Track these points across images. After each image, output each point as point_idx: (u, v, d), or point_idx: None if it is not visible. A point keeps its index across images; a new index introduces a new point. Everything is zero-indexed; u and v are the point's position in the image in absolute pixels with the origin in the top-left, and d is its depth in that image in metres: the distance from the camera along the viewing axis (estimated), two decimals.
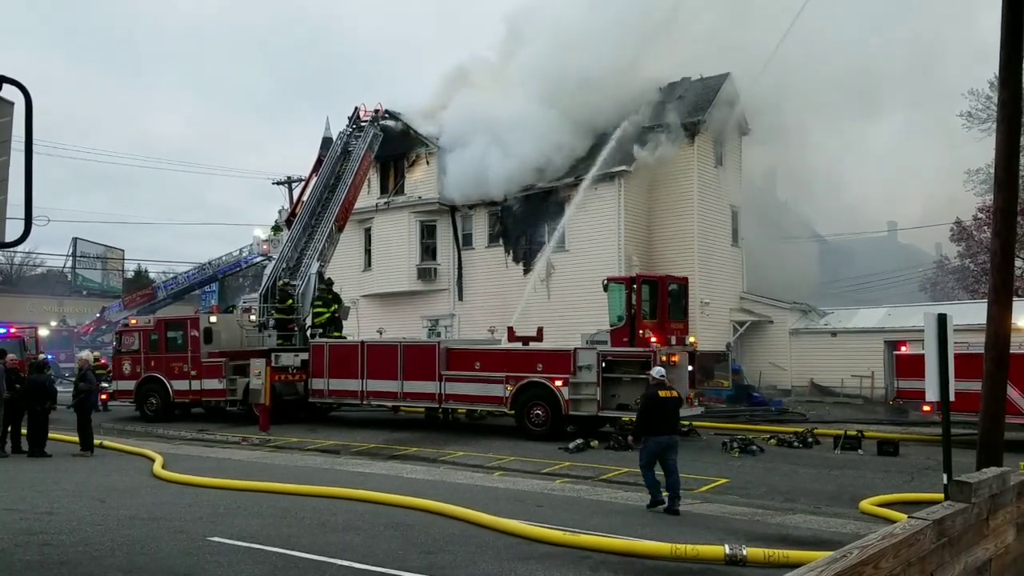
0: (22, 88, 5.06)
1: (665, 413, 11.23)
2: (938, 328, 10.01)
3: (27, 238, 5.40)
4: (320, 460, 16.76)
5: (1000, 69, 9.83)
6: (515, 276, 30.40)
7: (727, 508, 11.76)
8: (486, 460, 16.18)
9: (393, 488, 12.24)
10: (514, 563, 8.32)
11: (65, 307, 53.10)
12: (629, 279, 20.61)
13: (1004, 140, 9.82)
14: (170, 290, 47.96)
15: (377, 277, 33.36)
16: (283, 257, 25.80)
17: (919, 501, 10.93)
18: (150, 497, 12.11)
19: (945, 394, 9.99)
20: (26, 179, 5.16)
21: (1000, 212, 9.93)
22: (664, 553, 8.46)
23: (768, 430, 20.10)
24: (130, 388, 24.19)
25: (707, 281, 28.58)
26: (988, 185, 31.50)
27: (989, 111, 31.93)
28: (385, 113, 29.91)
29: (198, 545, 8.95)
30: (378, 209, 33.19)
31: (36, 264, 64.07)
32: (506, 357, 19.80)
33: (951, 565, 4.22)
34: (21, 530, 9.66)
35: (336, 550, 8.70)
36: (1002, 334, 9.89)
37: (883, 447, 17.10)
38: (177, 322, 24.83)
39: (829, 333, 29.20)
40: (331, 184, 27.25)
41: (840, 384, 27.84)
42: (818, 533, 10.02)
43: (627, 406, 18.13)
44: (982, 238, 33.16)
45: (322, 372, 22.11)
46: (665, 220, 29.33)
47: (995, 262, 10.04)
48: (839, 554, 3.30)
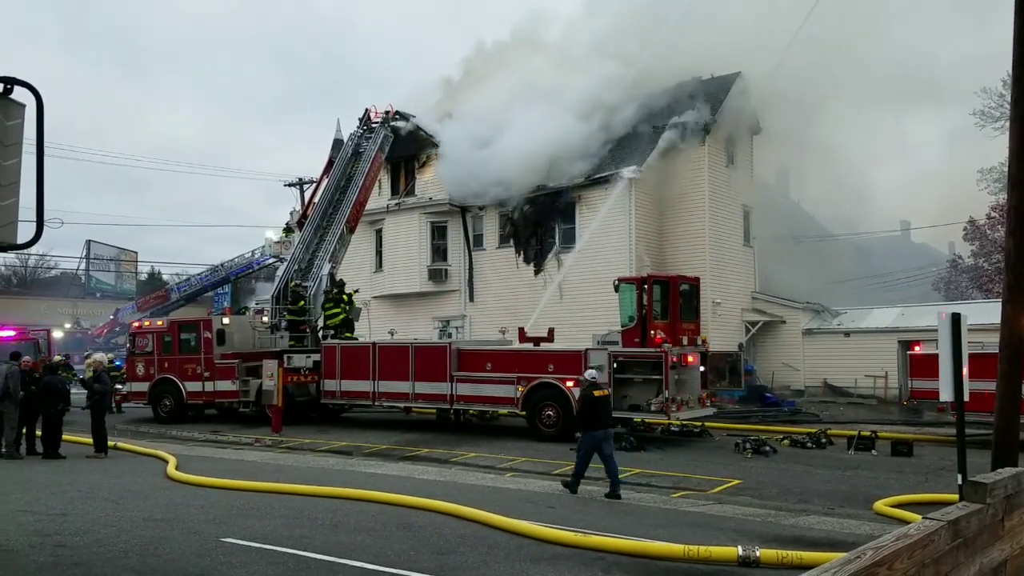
0: (33, 90, 5.09)
1: (599, 410, 12.65)
2: (952, 328, 9.94)
3: (39, 240, 5.43)
4: (332, 461, 16.80)
5: (1013, 67, 9.75)
6: (526, 277, 30.41)
7: (740, 509, 11.71)
8: (497, 461, 16.18)
9: (405, 489, 12.25)
10: (526, 564, 8.30)
11: (79, 309, 53.43)
12: (640, 279, 20.54)
13: (1017, 138, 9.73)
14: (183, 292, 48.20)
15: (388, 278, 33.42)
16: (295, 259, 25.86)
17: (933, 502, 10.87)
18: (163, 498, 12.16)
19: (959, 394, 9.92)
20: (38, 181, 5.19)
21: (1014, 210, 9.84)
22: (677, 554, 8.42)
23: (781, 431, 20.02)
24: (144, 390, 24.32)
25: (719, 281, 28.48)
26: (1001, 184, 31.30)
27: (1002, 109, 31.72)
28: (396, 114, 29.92)
29: (211, 546, 8.98)
30: (389, 210, 33.25)
31: (50, 266, 64.52)
32: (517, 358, 19.79)
33: (966, 566, 4.19)
34: (35, 531, 9.72)
35: (348, 551, 8.71)
36: (1016, 333, 9.81)
37: (897, 448, 17.00)
38: (190, 324, 24.93)
39: (842, 333, 29.06)
40: (342, 185, 27.29)
41: (854, 384, 27.69)
42: (832, 534, 9.97)
43: (639, 407, 18.11)
44: (996, 237, 32.95)
45: (334, 373, 22.17)
46: (676, 220, 29.25)
47: (1009, 261, 9.95)
48: (853, 555, 3.27)
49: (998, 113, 32.81)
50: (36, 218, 5.15)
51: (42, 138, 5.16)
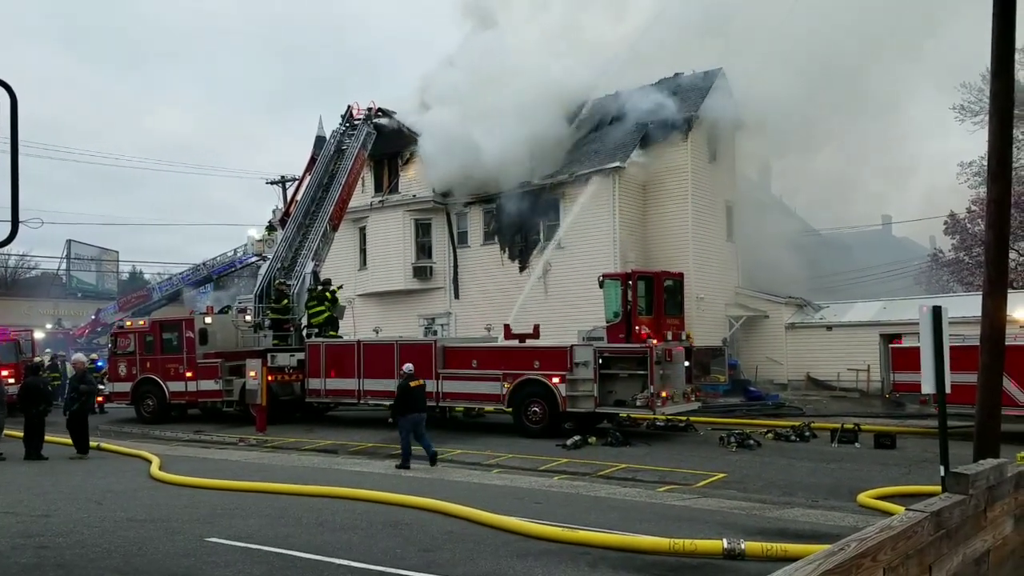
0: (8, 88, 5.02)
1: (414, 398, 15.22)
2: (933, 321, 10.02)
3: (14, 239, 5.37)
4: (318, 460, 16.74)
5: (992, 61, 9.83)
6: (511, 274, 30.40)
7: (725, 503, 11.77)
8: (484, 458, 16.17)
9: (391, 487, 12.23)
10: (512, 560, 8.31)
11: (60, 309, 52.83)
12: (625, 275, 20.59)
13: (997, 132, 9.82)
14: (165, 291, 47.79)
15: (373, 276, 33.32)
16: (277, 257, 25.75)
17: (917, 494, 10.97)
18: (147, 499, 12.08)
19: (941, 386, 10.00)
20: (12, 180, 5.12)
21: (994, 204, 9.93)
22: (662, 548, 8.46)
23: (765, 424, 20.12)
24: (126, 390, 24.12)
25: (702, 276, 28.57)
26: (981, 178, 31.58)
27: (981, 103, 31.99)
28: (379, 111, 29.84)
29: (195, 546, 8.92)
30: (373, 208, 33.14)
31: (31, 267, 63.83)
32: (503, 355, 19.78)
33: (949, 557, 4.22)
34: (18, 533, 9.63)
35: (334, 549, 8.68)
36: (997, 326, 9.90)
37: (880, 440, 17.12)
38: (172, 323, 24.73)
39: (825, 327, 29.21)
40: (325, 183, 27.20)
41: (836, 378, 27.86)
42: (816, 526, 10.03)
43: (624, 402, 18.14)
44: (976, 231, 33.22)
45: (319, 372, 22.08)
46: (660, 216, 29.32)
47: (989, 254, 10.05)
48: (837, 547, 3.28)
49: (977, 107, 33.09)
50: (11, 217, 5.08)
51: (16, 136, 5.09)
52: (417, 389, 15.33)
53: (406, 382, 15.28)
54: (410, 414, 15.07)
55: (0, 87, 4.98)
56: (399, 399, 15.43)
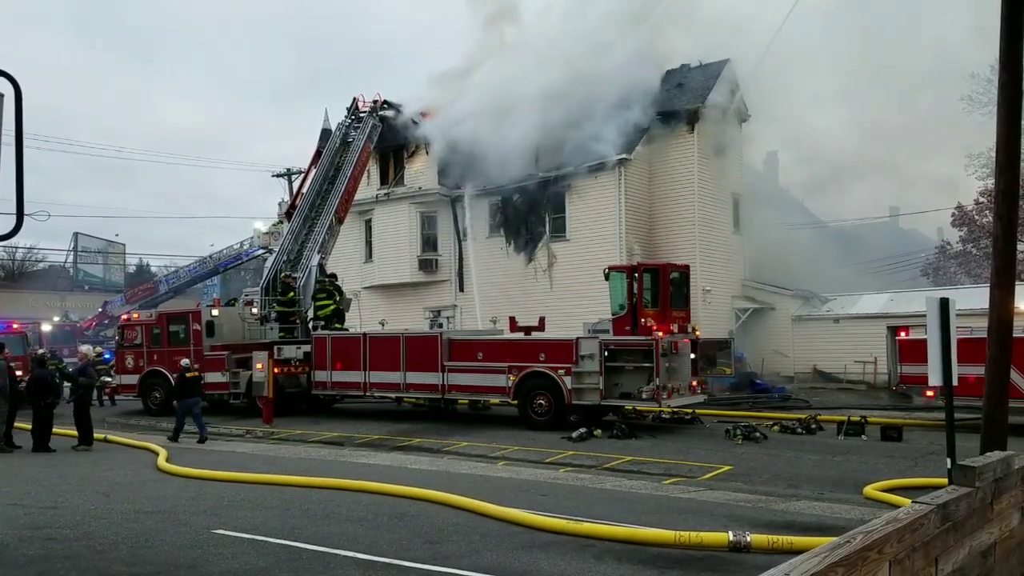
0: (12, 80, 5.01)
1: (190, 386, 18.46)
2: (940, 312, 9.95)
3: (18, 231, 5.36)
4: (324, 452, 16.77)
5: (1000, 51, 9.75)
6: (516, 266, 30.37)
7: (731, 495, 11.74)
8: (489, 450, 16.19)
9: (397, 479, 12.25)
10: (518, 552, 8.31)
11: (67, 302, 53.02)
12: (630, 267, 20.54)
13: (1005, 122, 9.75)
14: (171, 284, 47.89)
15: (378, 268, 33.33)
16: (283, 249, 25.77)
17: (923, 486, 10.92)
18: (154, 491, 12.13)
19: (948, 379, 9.94)
20: (16, 173, 5.11)
21: (1002, 194, 9.87)
22: (668, 540, 8.45)
23: (771, 417, 20.10)
24: (133, 382, 24.24)
25: (709, 269, 28.52)
26: (989, 169, 31.39)
27: (990, 94, 31.79)
28: (384, 103, 29.78)
29: (202, 538, 8.95)
30: (378, 200, 33.12)
31: (38, 259, 64.00)
32: (508, 347, 19.77)
33: (955, 550, 4.20)
34: (25, 524, 9.68)
35: (340, 541, 8.70)
36: (1005, 318, 9.85)
37: (886, 432, 17.07)
38: (179, 316, 24.81)
39: (831, 319, 29.15)
40: (330, 176, 27.18)
41: (843, 370, 27.82)
42: (822, 519, 10.01)
43: (630, 394, 18.13)
44: (984, 222, 33.08)
45: (325, 364, 22.12)
46: (666, 208, 29.26)
47: (997, 245, 9.98)
48: (843, 539, 3.27)
49: (986, 98, 32.90)
50: (16, 210, 5.08)
51: (21, 129, 5.08)
52: (193, 379, 18.57)
53: (184, 373, 18.50)
54: (187, 399, 18.35)
55: (3, 78, 4.96)
56: (178, 385, 18.87)
